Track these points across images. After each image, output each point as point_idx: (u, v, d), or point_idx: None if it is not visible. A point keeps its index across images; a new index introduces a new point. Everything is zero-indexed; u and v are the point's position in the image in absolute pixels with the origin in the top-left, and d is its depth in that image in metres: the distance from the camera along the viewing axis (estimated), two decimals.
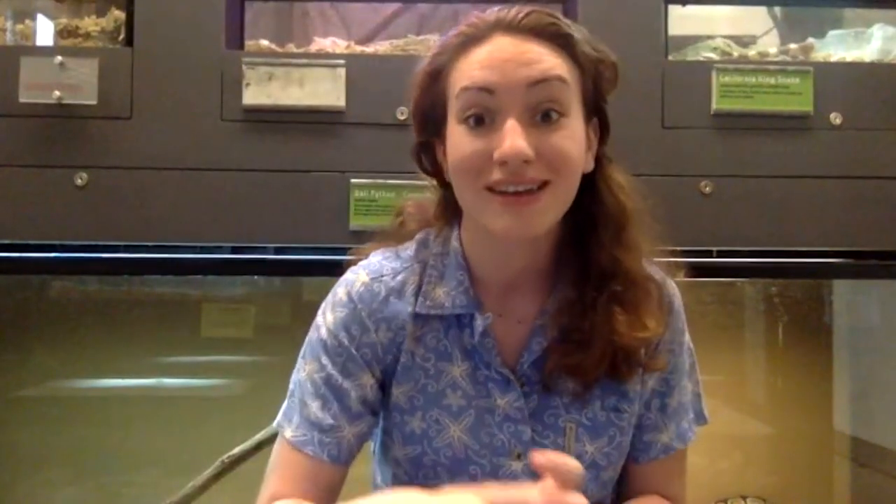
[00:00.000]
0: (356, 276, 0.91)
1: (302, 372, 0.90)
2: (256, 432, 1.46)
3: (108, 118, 1.37)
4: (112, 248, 1.40)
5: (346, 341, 0.88)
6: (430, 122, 0.88)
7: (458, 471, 0.87)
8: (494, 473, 0.86)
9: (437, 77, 0.86)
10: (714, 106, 1.40)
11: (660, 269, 0.94)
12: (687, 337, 0.96)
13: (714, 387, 1.89)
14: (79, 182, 1.36)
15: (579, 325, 0.86)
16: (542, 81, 0.80)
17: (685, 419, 0.96)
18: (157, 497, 1.57)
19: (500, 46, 0.81)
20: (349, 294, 0.89)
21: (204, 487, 1.48)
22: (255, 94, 1.37)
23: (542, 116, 0.80)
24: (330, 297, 0.92)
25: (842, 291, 1.92)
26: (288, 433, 0.88)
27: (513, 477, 0.86)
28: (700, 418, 0.99)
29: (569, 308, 0.87)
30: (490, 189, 0.80)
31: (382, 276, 0.90)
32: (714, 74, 1.40)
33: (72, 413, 1.85)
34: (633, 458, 0.94)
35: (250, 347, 1.82)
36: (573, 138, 0.82)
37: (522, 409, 0.87)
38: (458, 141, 0.82)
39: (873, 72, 1.45)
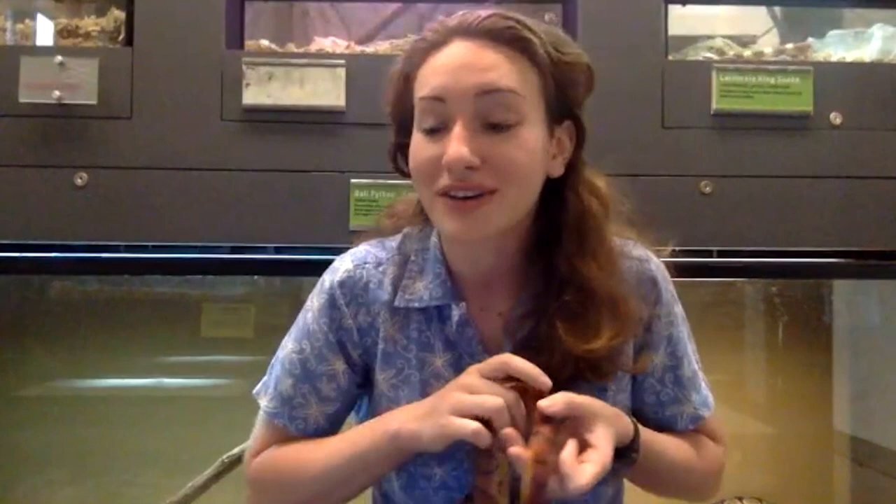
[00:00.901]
0: (341, 264, 0.95)
1: (284, 350, 0.95)
2: None
3: (108, 118, 1.37)
4: (112, 248, 1.41)
5: (324, 327, 0.92)
6: (402, 124, 0.89)
7: (445, 456, 0.87)
8: None
9: (406, 81, 0.87)
10: (714, 106, 1.40)
11: (643, 247, 0.95)
12: (679, 307, 0.96)
13: (714, 387, 1.87)
14: (79, 182, 1.36)
15: (537, 332, 0.87)
16: (492, 92, 0.80)
17: (703, 385, 0.98)
18: (157, 497, 1.57)
19: (454, 53, 0.82)
20: (332, 281, 0.93)
21: (204, 487, 1.48)
22: (255, 93, 1.37)
23: (492, 123, 0.81)
24: (319, 282, 0.96)
25: (842, 291, 1.92)
26: (262, 402, 0.95)
27: None
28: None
29: (529, 313, 0.88)
30: (441, 194, 0.82)
31: (366, 263, 0.94)
32: (714, 74, 1.40)
33: (72, 413, 1.85)
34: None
35: (250, 347, 1.82)
36: (524, 147, 0.82)
37: None
38: (415, 147, 0.85)
39: (873, 72, 1.45)
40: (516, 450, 0.75)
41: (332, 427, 0.94)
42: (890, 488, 1.73)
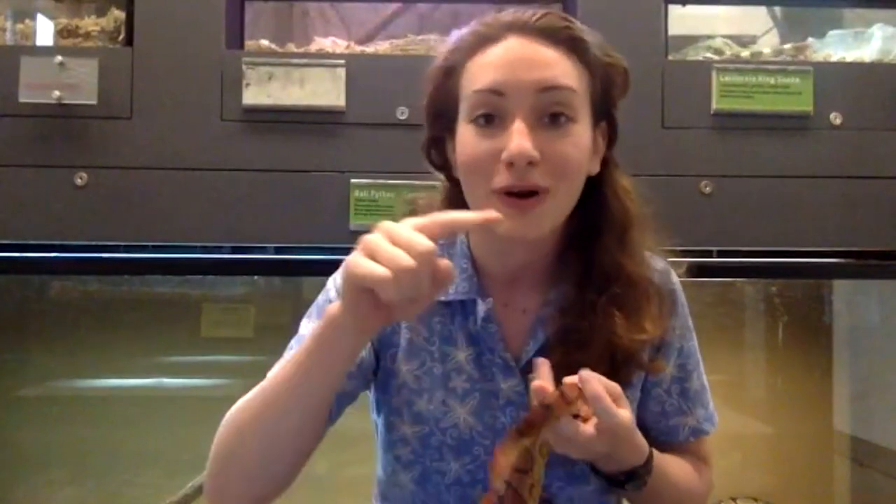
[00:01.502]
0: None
1: (303, 328, 0.92)
2: None
3: (108, 118, 1.37)
4: (112, 248, 1.41)
5: None
6: (442, 117, 0.88)
7: (462, 451, 0.89)
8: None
9: (450, 74, 0.87)
10: (714, 106, 1.40)
11: (662, 258, 0.96)
12: (690, 322, 0.98)
13: (714, 387, 1.88)
14: (79, 182, 1.36)
15: (578, 326, 0.87)
16: (552, 89, 0.81)
17: (710, 402, 0.98)
18: (157, 497, 1.57)
19: (512, 48, 0.82)
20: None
21: (204, 487, 1.48)
22: (255, 93, 1.37)
23: (551, 118, 0.81)
24: (343, 264, 0.91)
25: (842, 291, 1.92)
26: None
27: None
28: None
29: (569, 308, 0.88)
30: (499, 192, 0.81)
31: None
32: (714, 74, 1.40)
33: (72, 413, 1.85)
34: (661, 443, 0.94)
35: (250, 347, 1.82)
36: (578, 145, 0.83)
37: (523, 394, 0.88)
38: (467, 140, 0.84)
39: (873, 72, 1.45)
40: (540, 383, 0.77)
41: (339, 407, 0.88)
42: (890, 488, 1.73)
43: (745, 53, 1.54)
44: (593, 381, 0.77)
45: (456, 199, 0.91)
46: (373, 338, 0.91)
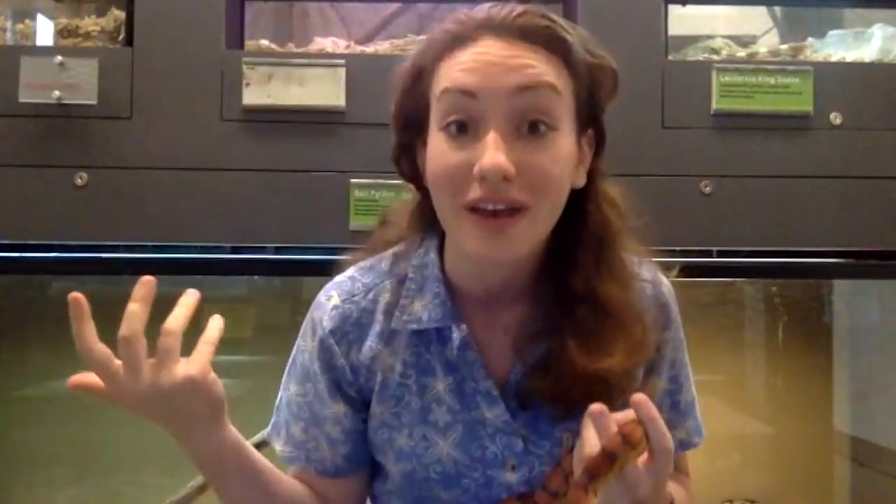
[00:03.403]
0: (328, 299, 0.88)
1: (288, 392, 0.91)
2: (256, 432, 1.46)
3: (108, 118, 1.37)
4: (112, 248, 1.41)
5: (318, 370, 0.87)
6: (412, 123, 0.82)
7: (451, 484, 0.85)
8: (489, 485, 0.84)
9: (419, 76, 0.80)
10: (714, 106, 1.40)
11: (653, 267, 0.91)
12: (682, 332, 0.94)
13: (714, 387, 1.89)
14: (79, 182, 1.36)
15: (548, 350, 0.82)
16: (530, 88, 0.74)
17: (697, 413, 0.95)
18: (158, 497, 1.56)
19: (487, 48, 0.75)
20: (321, 320, 0.87)
21: (204, 487, 1.47)
22: (255, 93, 1.37)
23: (529, 127, 0.75)
24: (307, 319, 0.90)
25: (842, 291, 1.92)
26: (278, 447, 0.91)
27: (507, 488, 0.84)
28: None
29: (543, 331, 0.83)
30: (469, 208, 0.75)
31: (353, 296, 0.87)
32: (714, 74, 1.40)
33: (72, 413, 1.84)
34: None
35: (250, 347, 1.82)
36: (559, 158, 0.76)
37: (510, 423, 0.83)
38: (438, 150, 0.77)
39: (873, 72, 1.45)
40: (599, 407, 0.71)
41: (355, 466, 0.89)
42: (890, 488, 1.73)
43: (742, 53, 1.54)
44: (646, 404, 0.71)
45: (428, 212, 0.85)
46: (350, 393, 0.88)
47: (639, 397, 0.71)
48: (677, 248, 1.40)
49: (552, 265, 0.84)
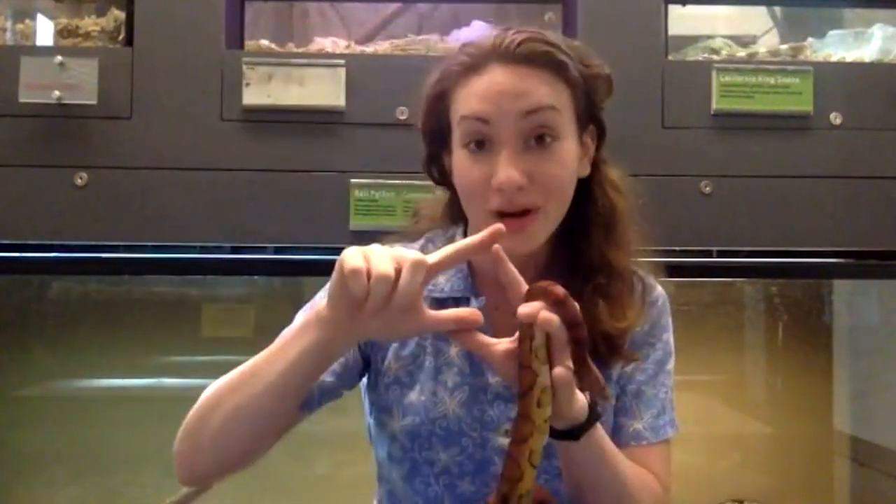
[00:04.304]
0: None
1: (295, 322, 0.92)
2: None
3: (108, 118, 1.37)
4: (112, 248, 1.41)
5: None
6: (437, 137, 0.95)
7: (451, 442, 0.92)
8: (483, 446, 0.92)
9: (441, 99, 0.93)
10: (714, 106, 1.40)
11: (645, 271, 1.00)
12: (670, 337, 0.99)
13: (714, 387, 1.89)
14: (79, 182, 1.36)
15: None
16: (534, 112, 0.87)
17: (662, 416, 0.96)
18: (158, 497, 1.57)
19: (496, 79, 0.87)
20: None
21: (204, 488, 1.48)
22: (255, 93, 1.37)
23: (537, 140, 0.87)
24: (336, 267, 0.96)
25: (842, 291, 1.92)
26: None
27: (499, 451, 0.90)
28: (672, 425, 0.99)
29: None
30: (494, 213, 0.87)
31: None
32: (714, 74, 1.40)
33: (72, 413, 1.85)
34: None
35: (250, 347, 1.81)
36: (565, 162, 0.89)
37: (510, 388, 0.88)
38: (462, 165, 0.90)
39: (873, 72, 1.45)
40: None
41: (320, 401, 0.92)
42: (890, 488, 1.73)
43: (742, 53, 1.54)
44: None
45: (457, 207, 0.97)
46: (362, 342, 0.94)
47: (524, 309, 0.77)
48: (677, 248, 1.40)
49: (564, 242, 0.95)
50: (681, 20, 1.56)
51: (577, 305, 0.77)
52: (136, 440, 1.81)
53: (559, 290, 0.76)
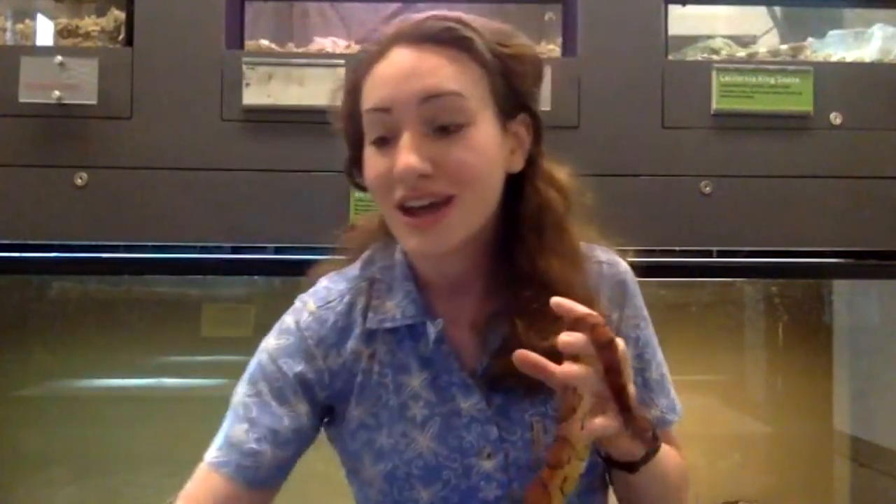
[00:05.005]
0: (304, 305, 0.91)
1: (236, 397, 0.89)
2: None
3: (108, 118, 1.37)
4: (112, 248, 1.41)
5: (285, 367, 0.87)
6: (357, 139, 0.86)
7: (431, 479, 0.85)
8: (467, 475, 0.85)
9: (353, 94, 0.85)
10: (714, 106, 1.40)
11: (609, 250, 0.92)
12: (646, 312, 0.94)
13: (714, 387, 1.89)
14: (79, 182, 1.36)
15: (505, 334, 0.84)
16: (435, 97, 0.78)
17: (671, 392, 0.94)
18: (158, 497, 1.56)
19: (396, 61, 0.80)
20: (297, 323, 0.89)
21: None
22: (255, 93, 1.37)
23: (441, 128, 0.79)
24: (276, 325, 0.92)
25: (842, 291, 1.92)
26: (208, 456, 0.86)
27: (485, 476, 0.85)
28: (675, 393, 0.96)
29: (498, 315, 0.85)
30: (399, 207, 0.80)
31: (329, 302, 0.90)
32: (714, 74, 1.40)
33: (72, 413, 1.85)
34: None
35: (250, 347, 1.81)
36: (478, 148, 0.80)
37: (485, 411, 0.85)
38: (368, 161, 0.83)
39: (873, 72, 1.45)
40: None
41: (282, 477, 0.87)
42: (890, 488, 1.73)
43: (741, 53, 1.54)
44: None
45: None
46: (319, 398, 0.88)
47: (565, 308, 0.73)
48: (677, 248, 1.40)
49: (503, 249, 0.87)
50: (681, 20, 1.56)
51: (618, 350, 0.71)
52: (136, 440, 1.81)
53: (605, 333, 0.70)
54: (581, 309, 0.73)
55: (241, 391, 0.89)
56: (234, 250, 1.42)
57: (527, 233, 0.85)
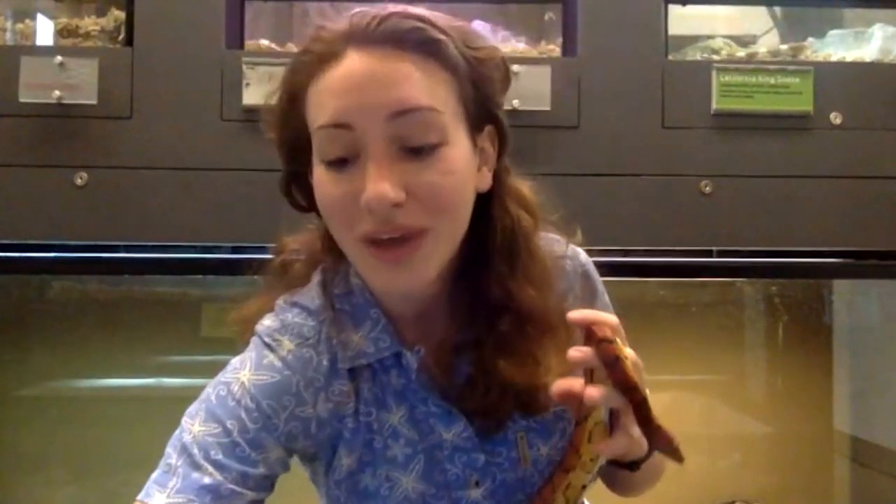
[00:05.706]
0: (277, 343, 0.78)
1: (188, 434, 0.75)
2: None
3: (108, 118, 1.37)
4: (112, 248, 1.41)
5: (268, 410, 0.75)
6: (298, 151, 0.76)
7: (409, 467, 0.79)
8: None
9: (294, 101, 0.73)
10: (714, 106, 1.40)
11: (563, 241, 0.85)
12: (606, 295, 0.88)
13: (714, 387, 1.89)
14: (79, 182, 1.36)
15: (473, 364, 0.77)
16: (407, 112, 0.67)
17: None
18: None
19: (354, 67, 0.68)
20: (283, 360, 0.77)
21: None
22: (255, 93, 1.37)
23: (412, 150, 0.68)
24: (251, 358, 0.79)
25: (842, 291, 1.92)
26: (161, 499, 0.71)
27: (477, 503, 0.79)
28: None
29: (466, 343, 0.78)
30: (363, 240, 0.69)
31: (307, 339, 0.78)
32: (714, 74, 1.40)
33: (72, 413, 1.84)
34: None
35: None
36: (454, 171, 0.70)
37: (472, 438, 0.78)
38: (321, 183, 0.71)
39: (873, 72, 1.45)
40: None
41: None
42: (890, 488, 1.73)
43: (741, 53, 1.54)
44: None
45: (336, 243, 0.76)
46: (297, 447, 0.78)
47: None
48: (677, 248, 1.40)
49: (468, 273, 0.78)
50: (681, 20, 1.56)
51: (628, 366, 0.66)
52: (135, 440, 1.81)
53: (611, 351, 0.66)
54: (591, 319, 0.68)
55: (200, 429, 0.75)
56: (234, 250, 1.42)
57: (497, 258, 0.76)
